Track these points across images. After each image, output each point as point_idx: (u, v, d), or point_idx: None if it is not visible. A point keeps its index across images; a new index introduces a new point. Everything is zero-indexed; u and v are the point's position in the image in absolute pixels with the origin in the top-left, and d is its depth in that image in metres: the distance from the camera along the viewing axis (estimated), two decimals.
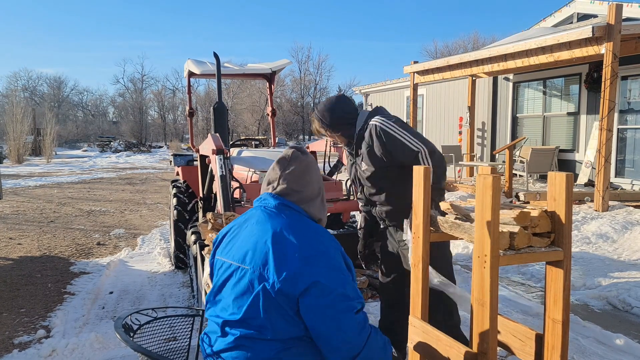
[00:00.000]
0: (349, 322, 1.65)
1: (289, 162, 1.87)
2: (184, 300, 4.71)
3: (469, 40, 46.21)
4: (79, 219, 9.25)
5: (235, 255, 1.78)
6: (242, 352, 1.68)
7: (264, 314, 1.64)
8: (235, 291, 1.71)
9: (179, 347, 2.29)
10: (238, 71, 6.60)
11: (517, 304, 4.43)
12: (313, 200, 1.89)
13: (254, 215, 1.86)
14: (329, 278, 1.65)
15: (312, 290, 1.62)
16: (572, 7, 11.00)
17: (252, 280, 1.67)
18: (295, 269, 1.63)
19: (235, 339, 1.69)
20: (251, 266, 1.69)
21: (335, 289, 1.65)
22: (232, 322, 1.70)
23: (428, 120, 15.25)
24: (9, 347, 3.65)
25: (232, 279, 1.74)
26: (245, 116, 43.64)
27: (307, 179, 1.87)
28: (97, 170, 21.47)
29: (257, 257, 1.69)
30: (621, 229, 6.55)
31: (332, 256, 1.72)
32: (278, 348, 1.66)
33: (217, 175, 3.99)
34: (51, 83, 60.06)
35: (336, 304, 1.64)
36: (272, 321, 1.64)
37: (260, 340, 1.66)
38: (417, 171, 2.29)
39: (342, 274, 1.71)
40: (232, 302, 1.72)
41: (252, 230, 1.79)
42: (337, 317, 1.64)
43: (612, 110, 7.34)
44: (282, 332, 1.65)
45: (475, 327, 1.94)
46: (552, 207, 1.89)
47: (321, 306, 1.62)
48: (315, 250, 1.69)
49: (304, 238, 1.72)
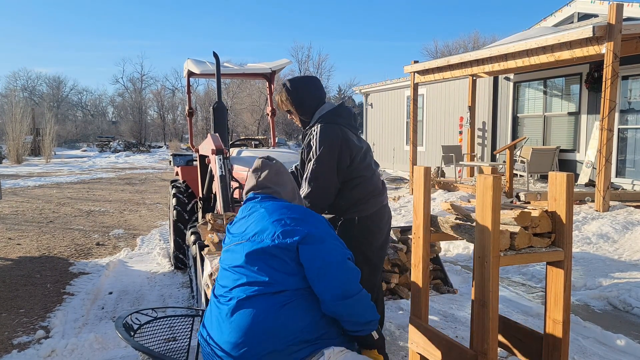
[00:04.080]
0: (344, 266, 1.87)
1: (261, 171, 2.19)
2: (184, 300, 4.70)
3: (470, 40, 46.20)
4: (78, 219, 9.24)
5: (236, 237, 2.02)
6: (245, 310, 1.80)
7: (267, 269, 1.83)
8: (237, 260, 1.91)
9: (179, 347, 2.28)
10: (238, 71, 6.59)
11: (518, 305, 4.42)
12: (291, 200, 2.17)
13: (247, 206, 2.14)
14: (321, 230, 1.93)
15: (308, 238, 1.87)
16: (572, 6, 11.00)
17: (253, 247, 1.89)
18: (290, 226, 1.90)
19: (237, 301, 1.82)
20: (251, 237, 1.93)
21: (327, 238, 1.91)
22: (236, 287, 1.87)
23: (428, 120, 15.25)
24: (8, 348, 3.64)
25: (235, 253, 1.95)
26: (245, 116, 43.62)
27: (281, 181, 2.18)
28: (97, 171, 21.46)
29: (255, 228, 1.95)
30: (622, 229, 6.54)
31: (318, 217, 2.03)
32: (282, 302, 1.80)
33: (217, 175, 3.98)
34: (50, 83, 60.08)
35: (332, 249, 1.88)
36: (275, 274, 1.83)
37: (263, 295, 1.80)
38: (417, 171, 2.28)
39: (330, 230, 2.00)
40: (234, 270, 1.91)
41: (246, 217, 2.06)
42: (333, 258, 1.85)
43: (612, 110, 7.33)
44: (286, 283, 1.82)
45: (476, 327, 1.94)
46: (552, 207, 1.89)
47: (319, 249, 1.86)
48: (303, 213, 2.01)
49: (291, 207, 2.05)
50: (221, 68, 5.33)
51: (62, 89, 60.70)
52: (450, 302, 4.41)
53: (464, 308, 4.27)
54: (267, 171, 2.17)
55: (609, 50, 7.13)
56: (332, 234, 1.98)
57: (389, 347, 3.25)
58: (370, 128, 19.06)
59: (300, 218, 1.94)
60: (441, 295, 3.73)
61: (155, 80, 79.42)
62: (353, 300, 1.82)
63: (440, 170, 12.04)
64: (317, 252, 1.84)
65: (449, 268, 5.20)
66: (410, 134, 11.91)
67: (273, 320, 1.76)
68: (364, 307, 1.87)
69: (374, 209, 2.82)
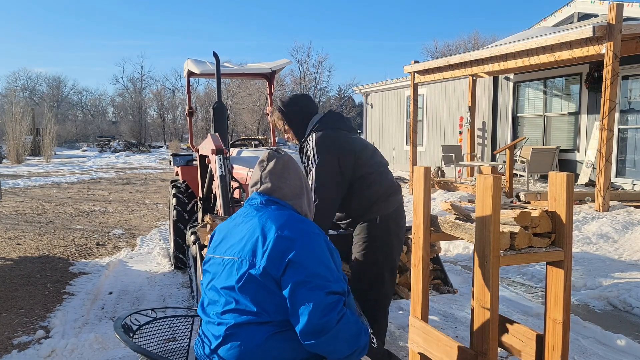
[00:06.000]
0: (316, 301, 1.67)
1: (267, 162, 2.02)
2: (184, 300, 4.70)
3: (470, 40, 46.19)
4: (78, 219, 9.24)
5: (226, 250, 1.87)
6: (233, 342, 1.73)
7: (256, 298, 1.72)
8: (228, 282, 1.79)
9: (179, 347, 2.28)
10: (238, 71, 6.59)
11: (518, 305, 4.42)
12: (298, 196, 2.01)
13: (242, 212, 1.98)
14: (306, 258, 1.73)
15: (288, 269, 1.70)
16: (572, 6, 11.00)
17: (243, 269, 1.75)
18: (277, 251, 1.72)
19: (227, 328, 1.74)
20: (240, 256, 1.79)
21: (308, 267, 1.71)
22: (226, 312, 1.77)
23: (428, 120, 15.25)
24: (8, 348, 3.64)
25: (225, 272, 1.82)
26: (244, 116, 43.60)
27: (287, 174, 2.01)
28: (97, 170, 21.46)
29: (246, 247, 1.79)
30: (622, 229, 6.54)
31: (311, 238, 1.80)
32: (270, 331, 1.71)
33: (217, 175, 3.98)
34: (50, 83, 60.05)
35: (307, 283, 1.69)
36: (263, 304, 1.72)
37: (252, 324, 1.72)
38: (417, 171, 2.28)
39: (321, 255, 1.77)
40: (224, 293, 1.79)
41: (241, 226, 1.90)
42: (306, 294, 1.68)
43: (612, 110, 7.33)
44: (274, 314, 1.72)
45: (476, 327, 1.94)
46: (552, 207, 1.89)
47: (294, 283, 1.69)
48: (293, 232, 1.78)
49: (286, 223, 1.82)
50: (221, 68, 5.33)
51: (62, 89, 60.72)
52: (450, 302, 4.41)
53: (464, 308, 4.27)
54: (273, 163, 2.01)
55: (609, 50, 7.13)
56: (319, 259, 1.75)
57: (389, 347, 3.25)
58: (370, 128, 19.06)
59: (290, 238, 1.75)
60: (441, 295, 3.73)
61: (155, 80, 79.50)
62: (327, 337, 1.66)
63: (440, 170, 12.04)
64: (292, 286, 1.68)
65: (449, 268, 5.20)
66: (410, 134, 11.91)
67: (262, 354, 1.70)
68: (343, 340, 1.70)
69: (394, 206, 2.79)
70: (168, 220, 7.32)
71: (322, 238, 1.84)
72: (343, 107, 49.97)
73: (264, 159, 2.04)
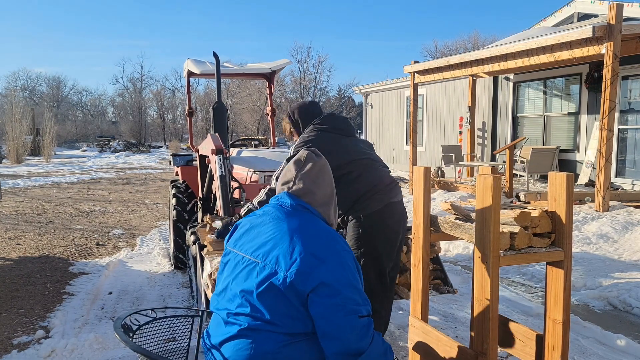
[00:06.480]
0: (352, 325, 1.66)
1: (304, 163, 1.93)
2: (184, 300, 4.70)
3: (469, 40, 46.21)
4: (78, 219, 9.24)
5: (249, 249, 1.81)
6: (244, 340, 1.70)
7: (273, 308, 1.68)
8: (246, 284, 1.74)
9: (179, 347, 2.28)
10: (238, 71, 6.60)
11: (518, 305, 4.42)
12: (327, 204, 1.94)
13: (270, 212, 1.90)
14: (339, 280, 1.68)
15: (320, 289, 1.65)
16: (572, 6, 11.00)
17: (263, 275, 1.70)
18: (307, 267, 1.66)
19: (239, 329, 1.71)
20: (263, 260, 1.73)
21: (342, 291, 1.67)
22: (239, 314, 1.73)
23: (428, 120, 15.25)
24: (7, 348, 3.64)
25: (244, 272, 1.77)
26: (244, 116, 43.60)
27: (321, 180, 1.93)
28: (96, 170, 21.45)
29: (271, 253, 1.73)
30: (622, 229, 6.54)
31: (344, 259, 1.74)
32: (283, 341, 1.68)
33: (217, 175, 3.98)
34: (50, 83, 60.08)
35: (342, 307, 1.66)
36: (279, 315, 1.68)
37: (265, 331, 1.68)
38: (417, 171, 2.28)
39: (351, 277, 1.73)
40: (240, 295, 1.74)
41: (268, 227, 1.82)
42: (341, 318, 1.65)
43: (612, 110, 7.33)
44: (289, 326, 1.68)
45: (476, 327, 1.94)
46: (552, 207, 1.89)
47: (327, 305, 1.65)
48: (327, 251, 1.72)
49: (317, 238, 1.76)
50: (221, 68, 5.33)
51: (62, 89, 60.75)
52: (450, 302, 4.41)
53: (464, 308, 4.27)
54: (310, 165, 1.92)
55: (609, 50, 7.13)
56: (349, 282, 1.72)
57: None
58: (370, 128, 19.06)
59: (321, 257, 1.69)
60: (441, 295, 3.73)
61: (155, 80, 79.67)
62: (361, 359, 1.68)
63: (440, 170, 12.04)
64: (325, 308, 1.65)
65: (449, 268, 5.19)
66: (410, 134, 11.91)
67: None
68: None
69: (380, 205, 2.76)
70: (168, 220, 7.32)
71: (350, 256, 1.80)
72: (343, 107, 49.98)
73: (301, 159, 1.95)
